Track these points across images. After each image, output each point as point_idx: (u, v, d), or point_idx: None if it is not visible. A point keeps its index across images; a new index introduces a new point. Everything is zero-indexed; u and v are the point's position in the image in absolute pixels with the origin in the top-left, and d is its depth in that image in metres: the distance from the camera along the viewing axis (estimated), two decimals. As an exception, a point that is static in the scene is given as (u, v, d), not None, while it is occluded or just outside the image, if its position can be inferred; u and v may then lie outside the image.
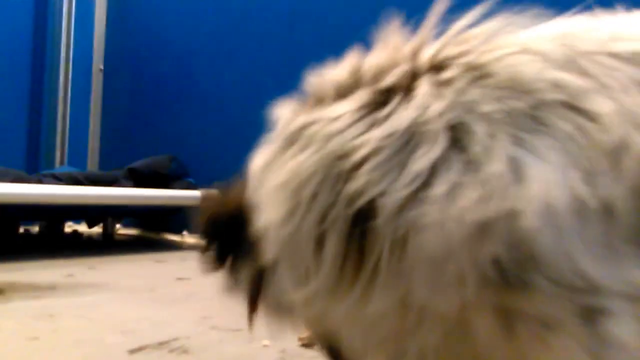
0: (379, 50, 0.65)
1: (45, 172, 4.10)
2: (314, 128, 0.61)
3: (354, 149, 0.56)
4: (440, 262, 0.52)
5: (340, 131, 0.58)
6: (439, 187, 0.52)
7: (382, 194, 0.54)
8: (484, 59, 0.59)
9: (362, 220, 0.55)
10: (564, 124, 0.54)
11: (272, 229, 0.63)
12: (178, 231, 4.13)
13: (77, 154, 5.01)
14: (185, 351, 1.36)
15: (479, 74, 0.57)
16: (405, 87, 0.58)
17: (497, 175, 0.51)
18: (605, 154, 0.53)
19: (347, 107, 0.60)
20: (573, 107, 0.54)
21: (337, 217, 0.56)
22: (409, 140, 0.55)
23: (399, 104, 0.57)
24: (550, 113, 0.54)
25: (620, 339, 0.51)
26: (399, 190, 0.54)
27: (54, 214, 3.85)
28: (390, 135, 0.55)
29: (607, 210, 0.53)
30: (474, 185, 0.52)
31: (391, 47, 0.64)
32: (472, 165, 0.53)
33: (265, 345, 1.42)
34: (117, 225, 4.53)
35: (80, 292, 2.09)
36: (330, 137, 0.58)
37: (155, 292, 2.13)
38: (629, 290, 0.52)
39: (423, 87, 0.57)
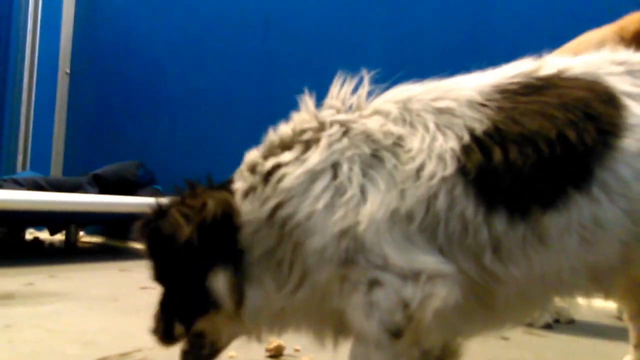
0: (301, 115, 1.05)
1: (6, 177, 3.98)
2: (279, 171, 0.98)
3: (291, 188, 0.95)
4: (320, 252, 0.91)
5: (287, 174, 0.97)
6: (321, 204, 0.91)
7: (294, 213, 0.93)
8: (351, 119, 1.00)
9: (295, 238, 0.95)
10: (392, 158, 0.94)
11: (259, 253, 0.99)
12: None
13: (40, 158, 4.89)
14: (148, 363, 1.33)
15: (346, 129, 0.99)
16: (316, 140, 0.99)
17: (352, 199, 0.91)
18: (411, 176, 0.91)
19: (290, 155, 0.99)
20: (398, 145, 0.95)
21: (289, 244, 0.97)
22: (315, 175, 0.94)
23: (313, 151, 0.97)
24: (385, 152, 0.94)
25: (379, 303, 0.88)
26: (304, 209, 0.92)
27: (14, 220, 3.74)
28: (305, 173, 0.94)
29: (410, 215, 0.90)
30: (340, 206, 0.91)
31: (309, 112, 1.05)
32: (340, 191, 0.92)
33: (231, 357, 1.39)
34: (81, 233, 4.43)
35: (40, 302, 2.03)
36: (281, 178, 0.97)
37: (118, 302, 2.08)
38: (407, 268, 0.87)
39: (323, 140, 0.98)
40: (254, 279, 0.99)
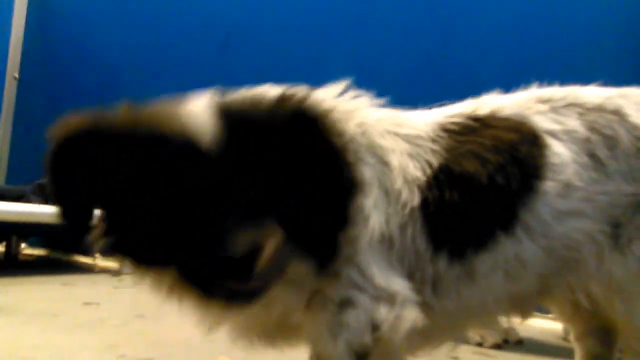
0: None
1: (-58, 183, 3.77)
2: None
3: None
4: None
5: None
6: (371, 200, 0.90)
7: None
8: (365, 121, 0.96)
9: None
10: (386, 178, 0.91)
11: None
12: (89, 252, 3.90)
13: (-18, 166, 4.67)
14: (87, 382, 1.27)
15: (364, 129, 0.95)
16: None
17: (371, 207, 0.88)
18: (393, 199, 0.91)
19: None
20: (387, 165, 0.93)
21: None
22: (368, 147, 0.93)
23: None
24: (382, 170, 0.92)
25: (348, 323, 0.85)
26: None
27: (-51, 229, 3.54)
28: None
29: (391, 240, 0.91)
30: (360, 212, 0.87)
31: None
32: (365, 194, 0.88)
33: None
34: (22, 245, 4.23)
35: (-27, 316, 1.91)
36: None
37: (59, 317, 1.98)
38: (385, 288, 0.87)
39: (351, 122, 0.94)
40: None
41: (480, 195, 0.96)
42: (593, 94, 1.11)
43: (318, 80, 1.05)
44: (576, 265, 1.02)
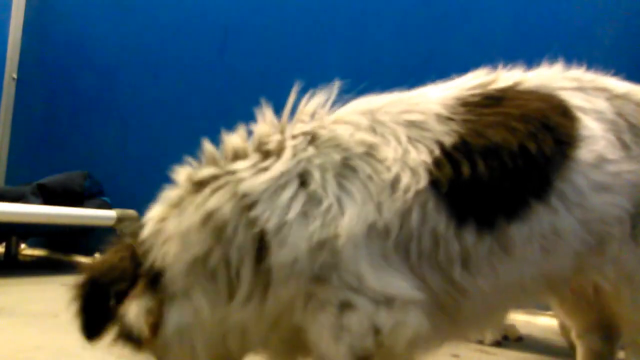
0: (260, 124, 0.99)
1: (-59, 184, 3.77)
2: (223, 178, 0.91)
3: (252, 191, 0.87)
4: (290, 265, 0.84)
5: (242, 179, 0.89)
6: (292, 214, 0.85)
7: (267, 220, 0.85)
8: (317, 126, 0.95)
9: (260, 244, 0.87)
10: (366, 167, 0.89)
11: (185, 262, 0.89)
12: (89, 253, 3.90)
13: (-19, 166, 4.66)
14: (88, 383, 1.27)
15: (311, 137, 0.93)
16: (277, 150, 0.92)
17: (330, 209, 0.85)
18: (387, 187, 0.88)
19: (244, 164, 0.92)
20: (371, 155, 0.90)
21: (246, 247, 0.87)
22: (281, 184, 0.87)
23: (275, 160, 0.90)
24: (357, 160, 0.90)
25: (349, 327, 0.83)
26: (272, 219, 0.85)
27: (-51, 230, 3.54)
28: (269, 180, 0.87)
29: (386, 230, 0.86)
30: (317, 216, 0.85)
31: (268, 123, 0.99)
32: (314, 199, 0.86)
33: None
34: (22, 245, 4.23)
35: (-27, 318, 1.91)
36: (237, 183, 0.89)
37: (59, 318, 1.98)
38: (381, 292, 0.84)
39: (286, 150, 0.91)
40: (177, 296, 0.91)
41: (510, 164, 0.91)
42: (618, 83, 1.11)
43: (317, 79, 1.05)
44: (607, 242, 0.99)
